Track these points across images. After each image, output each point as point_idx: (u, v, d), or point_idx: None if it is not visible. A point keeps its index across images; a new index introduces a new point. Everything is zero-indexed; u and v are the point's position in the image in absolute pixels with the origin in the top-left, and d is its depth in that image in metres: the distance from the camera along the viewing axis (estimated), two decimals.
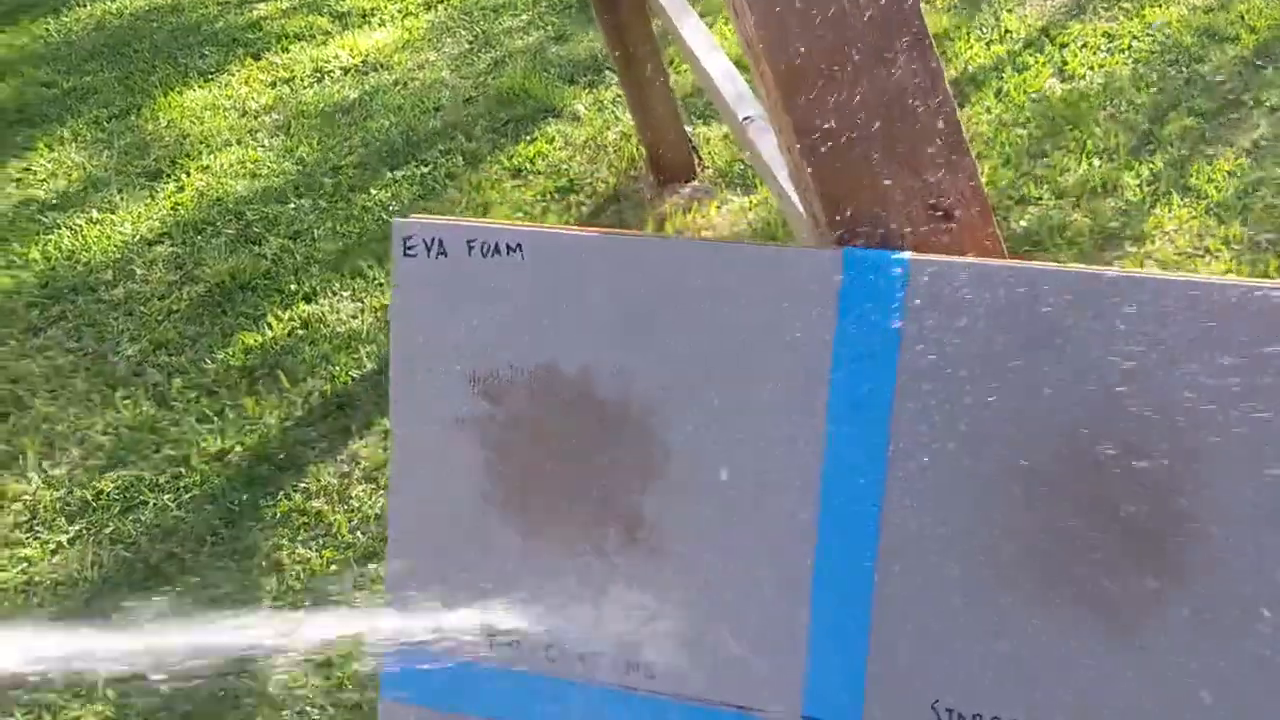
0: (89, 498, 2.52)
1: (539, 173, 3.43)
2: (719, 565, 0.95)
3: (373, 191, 3.48)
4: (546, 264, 0.95)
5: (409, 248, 0.96)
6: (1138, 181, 2.88)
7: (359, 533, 2.33)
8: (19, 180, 3.85)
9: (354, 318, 2.95)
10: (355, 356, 2.82)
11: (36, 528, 2.48)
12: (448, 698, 1.00)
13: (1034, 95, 3.30)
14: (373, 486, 2.42)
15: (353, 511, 2.39)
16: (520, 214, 3.23)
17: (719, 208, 3.11)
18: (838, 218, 0.96)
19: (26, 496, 2.55)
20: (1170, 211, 2.77)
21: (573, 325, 0.96)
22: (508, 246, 0.95)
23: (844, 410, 0.92)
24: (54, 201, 3.70)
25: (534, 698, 0.98)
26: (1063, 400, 0.88)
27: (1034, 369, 0.88)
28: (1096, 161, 2.98)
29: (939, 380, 0.90)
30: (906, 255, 0.91)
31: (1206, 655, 0.86)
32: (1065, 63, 3.43)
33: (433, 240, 0.96)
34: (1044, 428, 0.88)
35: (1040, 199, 2.90)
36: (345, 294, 3.04)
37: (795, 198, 1.46)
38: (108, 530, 2.44)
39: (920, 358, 0.90)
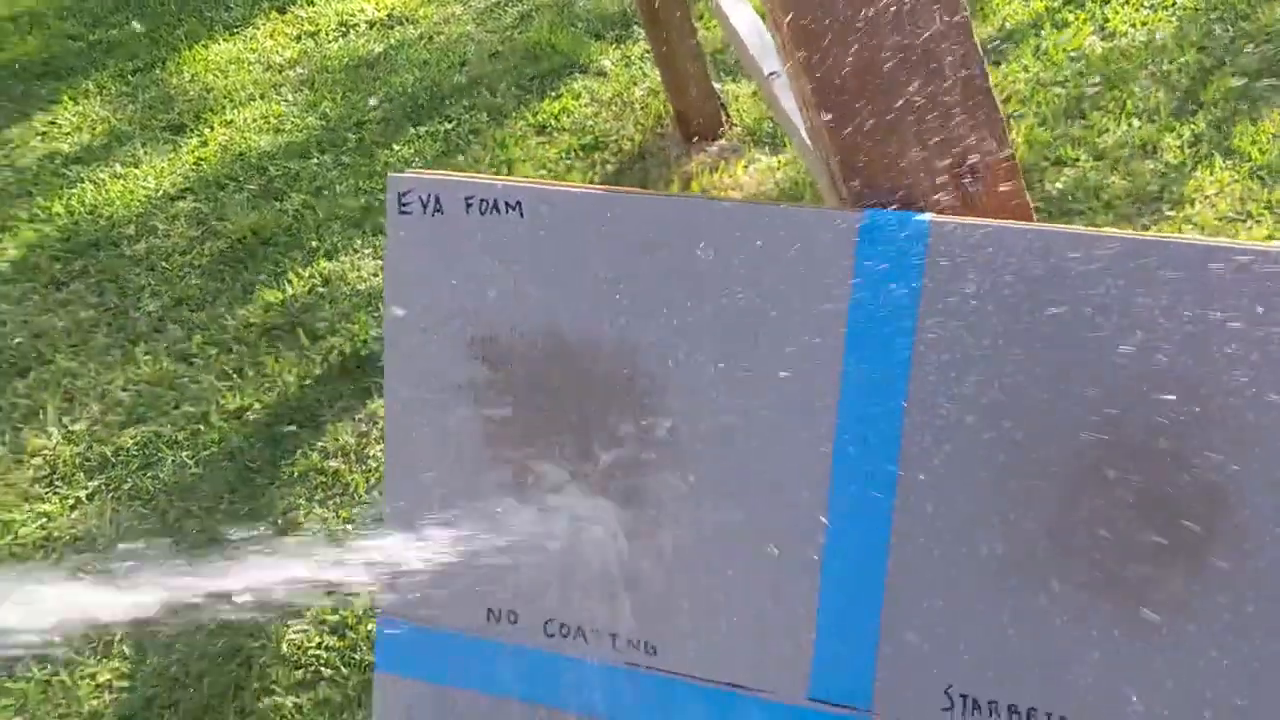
0: (108, 454, 2.52)
1: (564, 129, 3.37)
2: (725, 542, 0.91)
3: (396, 147, 3.44)
4: (547, 223, 0.91)
5: (404, 204, 0.92)
6: (1179, 143, 2.79)
7: (376, 492, 2.31)
8: (44, 134, 3.83)
9: (375, 275, 2.92)
10: (375, 315, 2.79)
11: (56, 483, 2.48)
12: (444, 672, 0.97)
13: (1073, 53, 3.21)
14: None
15: (370, 471, 2.36)
16: (544, 171, 3.18)
17: (746, 166, 3.04)
18: (857, 177, 0.91)
19: (46, 451, 2.55)
20: (1212, 174, 2.68)
21: (575, 288, 0.91)
22: (506, 204, 0.90)
23: (858, 381, 0.88)
24: (78, 155, 3.68)
25: (532, 673, 0.95)
26: (1090, 373, 0.83)
27: (1059, 339, 0.83)
28: (1136, 122, 2.89)
29: (958, 350, 0.85)
30: (927, 217, 0.86)
31: (1237, 646, 0.82)
32: (1107, 20, 3.32)
33: (429, 197, 0.91)
34: (1069, 402, 0.83)
35: (1077, 160, 2.82)
36: (366, 251, 3.01)
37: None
38: (126, 486, 2.43)
39: (939, 326, 0.85)
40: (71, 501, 2.42)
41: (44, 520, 2.38)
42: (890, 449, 0.87)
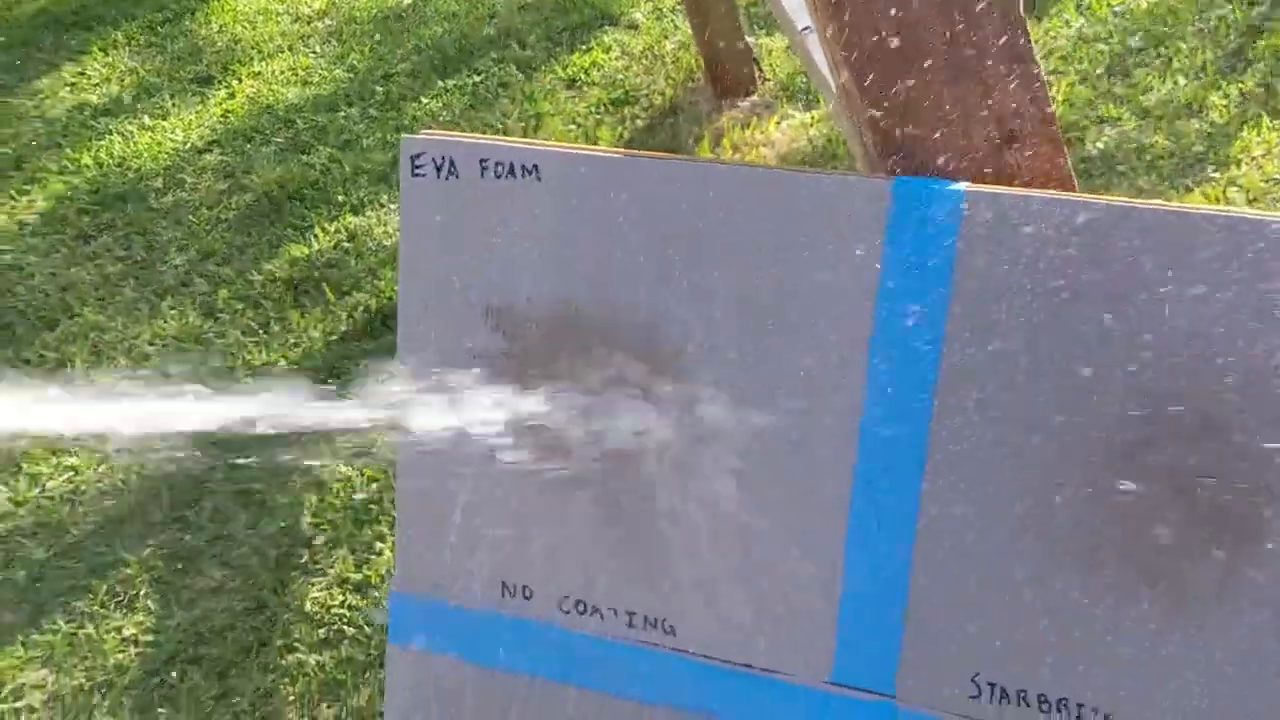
0: None
1: (594, 83, 3.32)
2: (748, 520, 0.88)
3: (424, 101, 3.40)
4: (566, 188, 0.87)
5: (418, 167, 0.89)
6: (1225, 102, 2.71)
7: None
8: (73, 85, 3.82)
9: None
10: None
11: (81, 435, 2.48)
12: (456, 647, 0.95)
13: (1117, 8, 3.11)
14: None
15: None
16: (574, 125, 3.13)
17: (779, 123, 2.98)
18: (890, 143, 0.86)
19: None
20: (1259, 135, 2.60)
21: (595, 256, 0.88)
22: (523, 167, 0.87)
23: (888, 354, 0.84)
24: (106, 107, 3.66)
25: (545, 650, 0.93)
26: (1129, 348, 0.79)
27: (1099, 315, 0.79)
28: (1181, 80, 2.81)
29: (991, 324, 0.81)
30: (962, 185, 0.82)
31: None
32: None
33: (443, 159, 0.88)
34: (1106, 379, 0.80)
35: (1120, 119, 2.74)
36: (393, 207, 2.99)
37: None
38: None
39: (972, 298, 0.81)
40: (99, 456, 2.42)
41: (71, 474, 2.39)
42: (920, 427, 0.83)
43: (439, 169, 0.89)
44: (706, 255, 0.87)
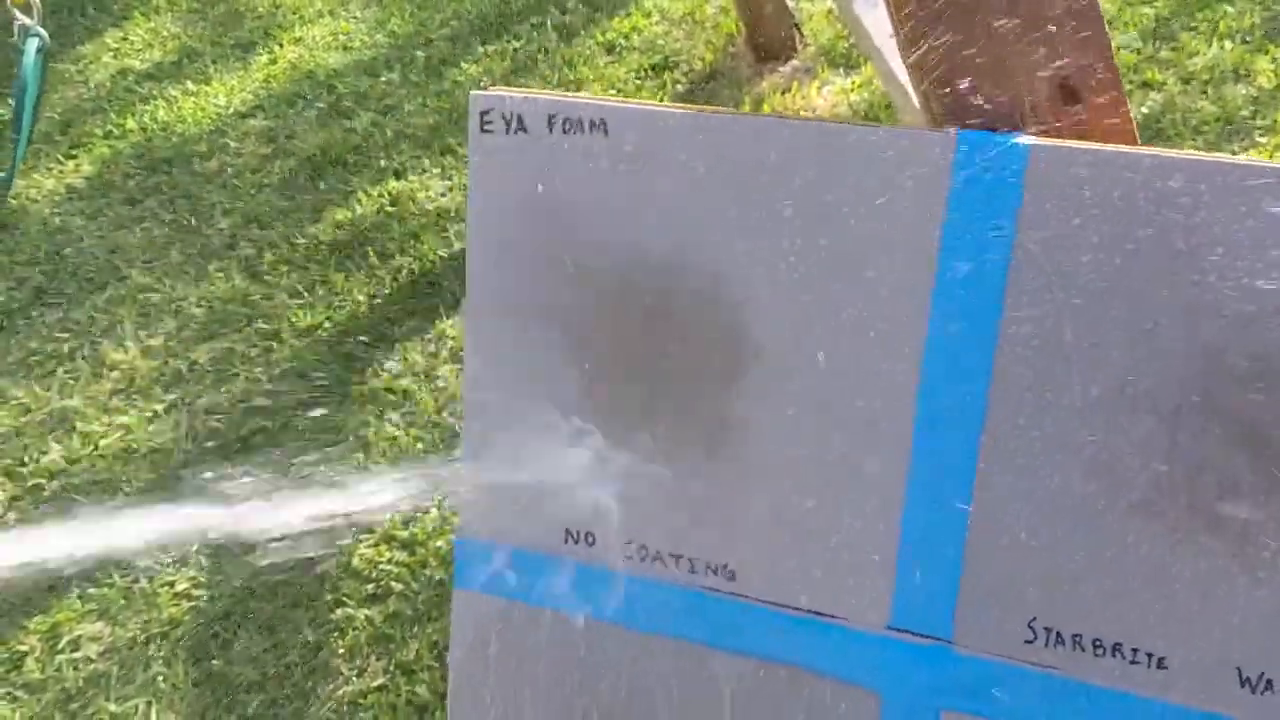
0: (183, 369, 2.56)
1: (633, 49, 3.32)
2: (808, 469, 0.90)
3: (464, 66, 3.41)
4: (633, 143, 0.89)
5: (486, 123, 0.91)
6: (1273, 66, 2.68)
7: (445, 412, 2.33)
8: (116, 50, 3.85)
9: (443, 195, 2.92)
10: (444, 235, 2.79)
11: (134, 396, 2.53)
12: (520, 590, 0.98)
13: None
14: (459, 367, 2.41)
15: (439, 391, 2.38)
16: (613, 90, 3.14)
17: (820, 88, 2.98)
18: (951, 96, 0.87)
19: (124, 365, 2.60)
20: None
21: (661, 210, 0.90)
22: (591, 123, 0.89)
23: (948, 310, 0.85)
24: (150, 72, 3.70)
25: (608, 595, 0.95)
26: (1197, 306, 0.80)
27: (1165, 272, 0.80)
28: (1228, 44, 2.78)
29: (1056, 281, 0.82)
30: (1028, 140, 0.83)
31: None
32: None
33: (512, 115, 0.90)
34: (1171, 331, 0.81)
35: (1164, 84, 2.72)
36: (435, 171, 3.01)
37: (903, 76, 1.36)
38: (201, 401, 2.47)
39: (1036, 255, 0.83)
40: (149, 414, 2.47)
41: (123, 432, 2.43)
42: (980, 379, 0.85)
43: (508, 124, 0.91)
44: (772, 208, 0.89)
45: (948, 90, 0.87)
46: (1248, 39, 2.78)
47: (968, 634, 0.88)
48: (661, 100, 3.05)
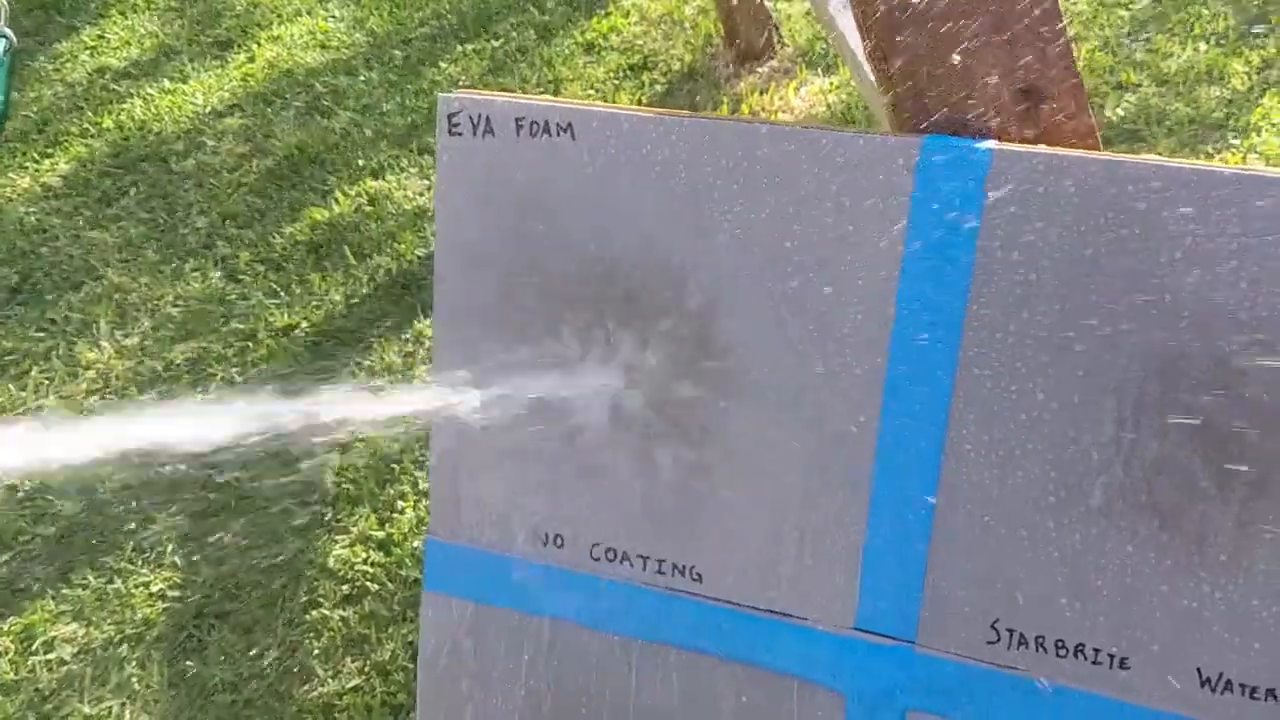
0: (159, 368, 2.55)
1: (612, 49, 3.32)
2: (773, 467, 0.91)
3: (442, 65, 3.40)
4: (599, 146, 0.89)
5: (454, 125, 0.91)
6: (1246, 69, 2.70)
7: None
8: (92, 48, 3.83)
9: (420, 195, 2.92)
10: (421, 235, 2.79)
11: (109, 396, 2.51)
12: (489, 593, 0.98)
13: None
14: None
15: None
16: (592, 91, 3.14)
17: (798, 89, 2.99)
18: (916, 101, 0.88)
19: (99, 365, 2.59)
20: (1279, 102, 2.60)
21: (627, 212, 0.90)
22: (558, 126, 0.89)
23: (913, 312, 0.86)
24: (126, 70, 3.67)
25: (576, 597, 0.95)
26: (1153, 305, 0.81)
27: (1124, 275, 0.81)
28: (1203, 46, 2.80)
29: (1018, 282, 0.83)
30: (990, 144, 0.84)
31: None
32: None
33: (479, 117, 0.90)
34: (1131, 334, 0.82)
35: (1139, 85, 2.74)
36: (413, 170, 3.00)
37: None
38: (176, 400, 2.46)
39: (999, 257, 0.83)
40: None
41: None
42: (945, 380, 0.86)
43: (475, 127, 0.91)
44: (736, 209, 0.89)
45: (912, 96, 0.87)
46: (1222, 41, 2.79)
47: (932, 635, 0.89)
48: (640, 100, 3.06)
